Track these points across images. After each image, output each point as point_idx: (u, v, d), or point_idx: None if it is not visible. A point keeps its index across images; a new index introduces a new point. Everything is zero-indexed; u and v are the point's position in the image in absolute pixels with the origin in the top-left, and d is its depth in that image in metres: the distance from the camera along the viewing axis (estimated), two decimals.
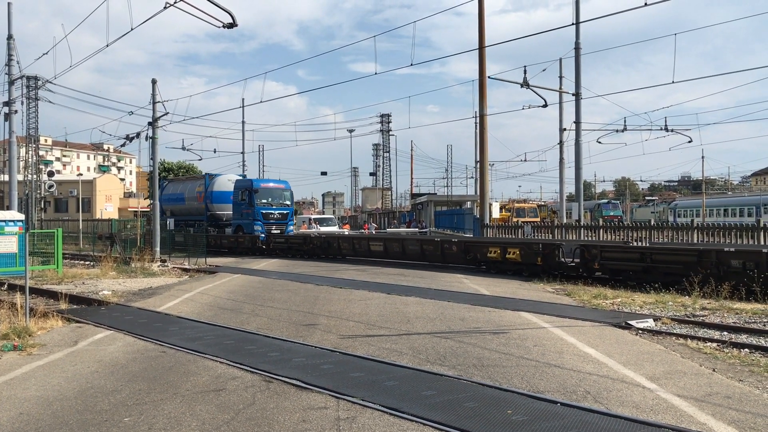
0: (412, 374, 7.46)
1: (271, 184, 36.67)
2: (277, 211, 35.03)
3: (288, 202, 36.24)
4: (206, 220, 38.13)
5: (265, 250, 32.09)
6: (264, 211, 34.30)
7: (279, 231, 34.01)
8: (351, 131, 61.12)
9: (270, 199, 34.94)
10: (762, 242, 18.87)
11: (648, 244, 18.77)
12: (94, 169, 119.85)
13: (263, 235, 32.84)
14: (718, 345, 9.33)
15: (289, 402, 6.41)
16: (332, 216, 60.71)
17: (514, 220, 42.64)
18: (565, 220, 30.26)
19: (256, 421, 5.82)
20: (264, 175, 65.95)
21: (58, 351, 9.24)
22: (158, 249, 28.09)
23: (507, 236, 27.61)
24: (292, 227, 36.43)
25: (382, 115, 74.21)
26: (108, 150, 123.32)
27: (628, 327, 10.61)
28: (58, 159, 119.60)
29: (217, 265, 25.83)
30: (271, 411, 6.12)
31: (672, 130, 33.06)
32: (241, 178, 38.89)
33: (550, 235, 26.62)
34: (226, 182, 37.91)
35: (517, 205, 54.09)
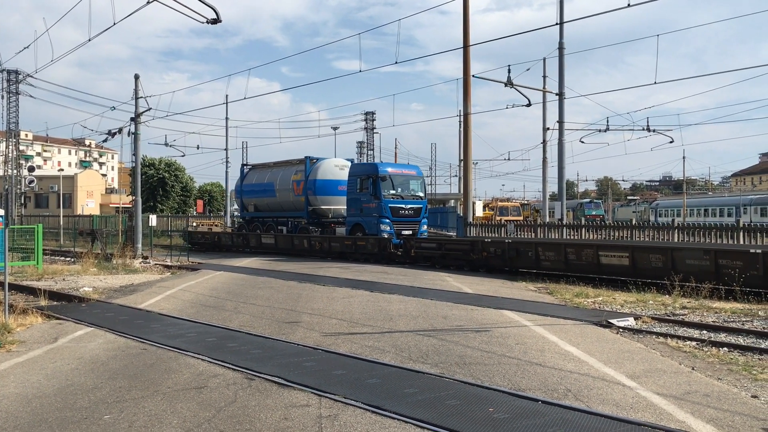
0: (394, 372, 7.46)
1: (402, 170, 28.15)
2: (409, 206, 26.69)
3: (421, 194, 27.78)
4: (306, 216, 30.32)
5: (401, 257, 24.10)
6: (392, 205, 26.17)
7: (411, 232, 26.20)
8: (335, 129, 60.86)
9: (400, 190, 26.77)
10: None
11: None
12: (76, 164, 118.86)
13: (396, 238, 25.12)
14: (697, 344, 9.43)
15: (271, 400, 6.39)
16: None
17: (497, 218, 42.83)
18: (547, 219, 30.43)
19: (238, 419, 5.80)
20: None
21: (38, 348, 9.15)
22: (140, 246, 27.92)
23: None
24: (425, 227, 27.89)
25: (366, 113, 74.00)
26: (89, 145, 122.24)
27: (609, 325, 10.70)
28: (38, 154, 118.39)
29: (199, 261, 25.70)
30: (252, 409, 6.10)
31: (654, 131, 33.38)
32: (350, 162, 31.35)
33: (533, 234, 26.76)
34: (332, 168, 30.21)
35: (500, 203, 54.35)
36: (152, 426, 5.64)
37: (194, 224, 41.71)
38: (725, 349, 9.11)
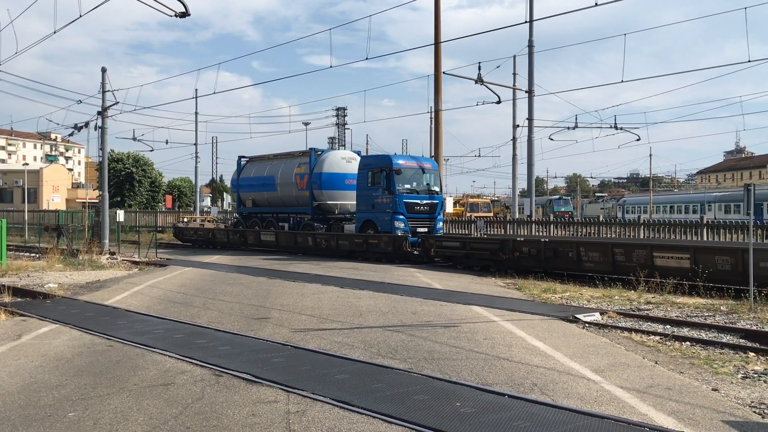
0: (363, 368, 7.49)
1: (417, 163, 25.75)
2: (424, 201, 24.64)
3: (437, 188, 25.77)
4: (311, 212, 28.35)
5: (418, 257, 22.47)
6: (407, 201, 24.07)
7: (426, 229, 24.24)
8: (306, 124, 60.58)
9: (414, 184, 24.73)
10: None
11: None
12: (41, 158, 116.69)
13: (412, 236, 23.30)
14: (660, 338, 9.62)
15: (239, 396, 6.37)
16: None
17: (468, 215, 43.08)
18: (517, 216, 30.69)
19: (205, 416, 5.77)
20: (218, 168, 64.50)
21: (1, 345, 8.99)
22: (107, 241, 27.55)
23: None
24: (441, 224, 25.99)
25: (337, 109, 73.89)
26: (55, 139, 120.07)
27: (576, 320, 10.85)
28: (2, 148, 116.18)
29: (168, 257, 25.45)
30: (220, 405, 6.07)
31: (621, 128, 33.72)
32: (357, 153, 29.59)
33: (503, 231, 26.99)
34: (339, 161, 28.35)
35: (470, 200, 54.73)
36: (118, 423, 5.59)
37: (185, 219, 40.44)
38: (687, 343, 9.31)
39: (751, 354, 8.60)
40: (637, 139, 35.31)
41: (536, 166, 27.80)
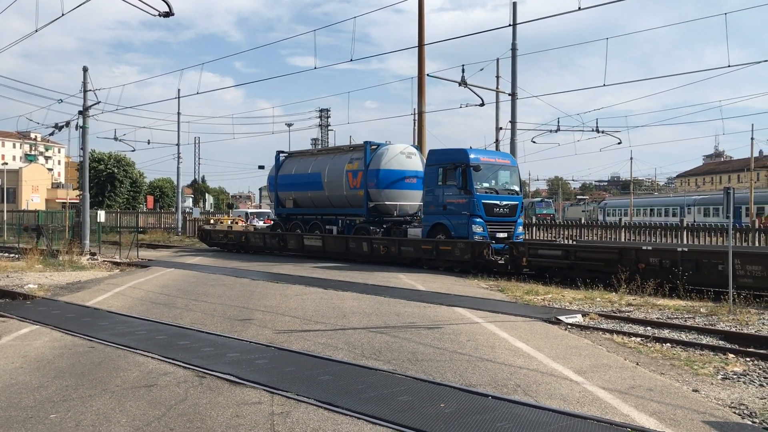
0: (347, 369, 7.49)
1: (495, 158, 22.69)
2: (504, 202, 21.56)
3: (516, 188, 22.58)
4: (366, 214, 25.09)
5: (504, 267, 19.12)
6: (486, 202, 21.00)
7: (506, 234, 21.17)
8: (289, 125, 60.54)
9: (493, 182, 21.72)
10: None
11: None
12: (20, 158, 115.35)
13: (496, 242, 20.21)
14: (642, 340, 9.71)
15: (223, 397, 6.35)
16: (269, 210, 59.82)
17: None
18: None
19: (189, 417, 5.74)
20: (200, 168, 64.13)
21: None
22: (87, 242, 27.31)
23: None
24: (521, 228, 22.92)
25: (320, 110, 73.91)
26: (35, 139, 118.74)
27: (558, 322, 10.92)
28: None
29: (149, 258, 25.27)
30: (203, 406, 6.05)
31: (603, 132, 34.01)
32: (415, 148, 26.57)
33: None
34: (398, 156, 25.07)
35: None
36: (100, 425, 5.55)
37: (211, 221, 39.10)
38: (668, 344, 9.41)
39: (731, 355, 8.71)
40: (619, 143, 35.63)
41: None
